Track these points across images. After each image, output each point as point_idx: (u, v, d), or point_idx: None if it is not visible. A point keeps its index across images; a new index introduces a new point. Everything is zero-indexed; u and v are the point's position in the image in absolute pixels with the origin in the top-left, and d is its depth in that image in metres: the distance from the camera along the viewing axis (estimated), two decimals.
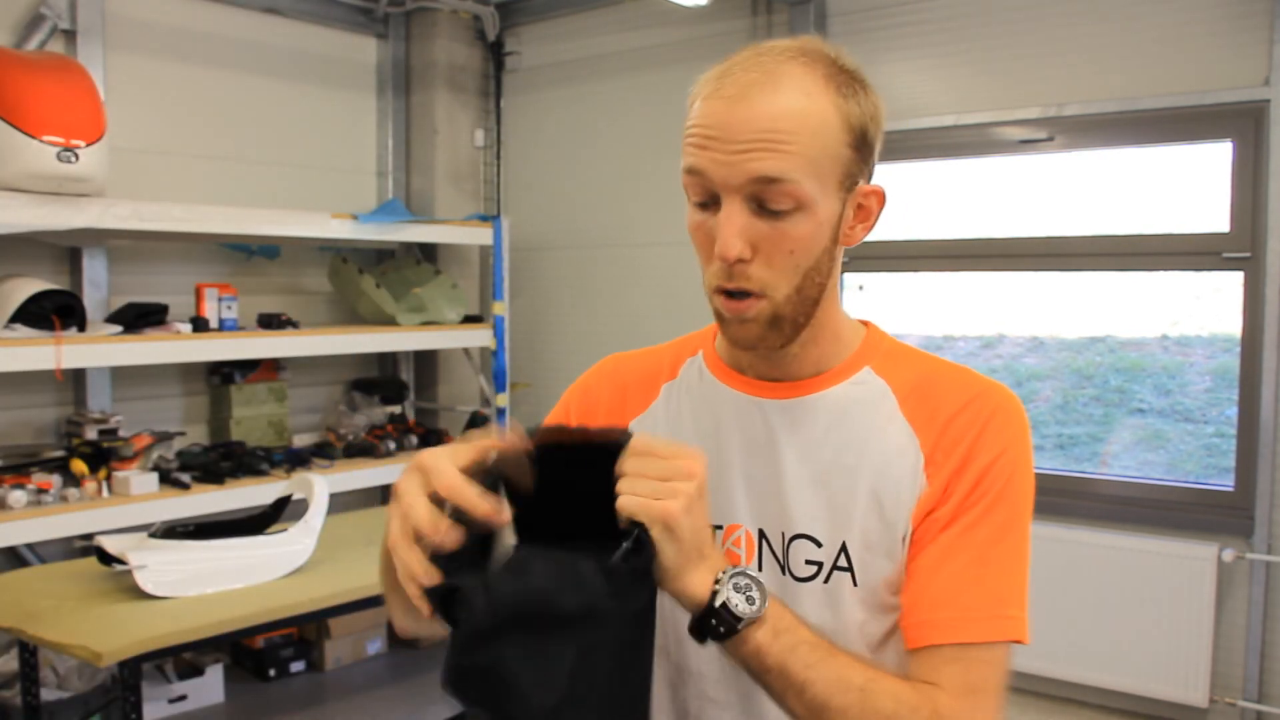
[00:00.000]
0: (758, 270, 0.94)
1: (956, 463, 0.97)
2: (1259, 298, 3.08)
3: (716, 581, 0.87)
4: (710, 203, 0.95)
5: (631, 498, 0.84)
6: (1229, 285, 3.24)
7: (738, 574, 0.88)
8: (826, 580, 0.99)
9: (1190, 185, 3.32)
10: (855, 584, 0.99)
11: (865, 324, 1.09)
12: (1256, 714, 3.09)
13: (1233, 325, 3.20)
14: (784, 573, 1.01)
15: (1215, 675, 3.12)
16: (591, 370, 1.19)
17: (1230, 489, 3.20)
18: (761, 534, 1.02)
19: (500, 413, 4.40)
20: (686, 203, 1.01)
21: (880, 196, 1.01)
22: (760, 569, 1.01)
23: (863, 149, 0.96)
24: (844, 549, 0.99)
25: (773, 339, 0.98)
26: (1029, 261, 3.57)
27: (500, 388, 4.39)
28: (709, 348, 1.12)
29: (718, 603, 0.87)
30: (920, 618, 0.96)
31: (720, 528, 1.03)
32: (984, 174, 3.75)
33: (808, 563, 1.00)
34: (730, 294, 0.95)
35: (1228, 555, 3.08)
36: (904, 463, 0.99)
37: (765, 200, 0.92)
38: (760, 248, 0.94)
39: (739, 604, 0.87)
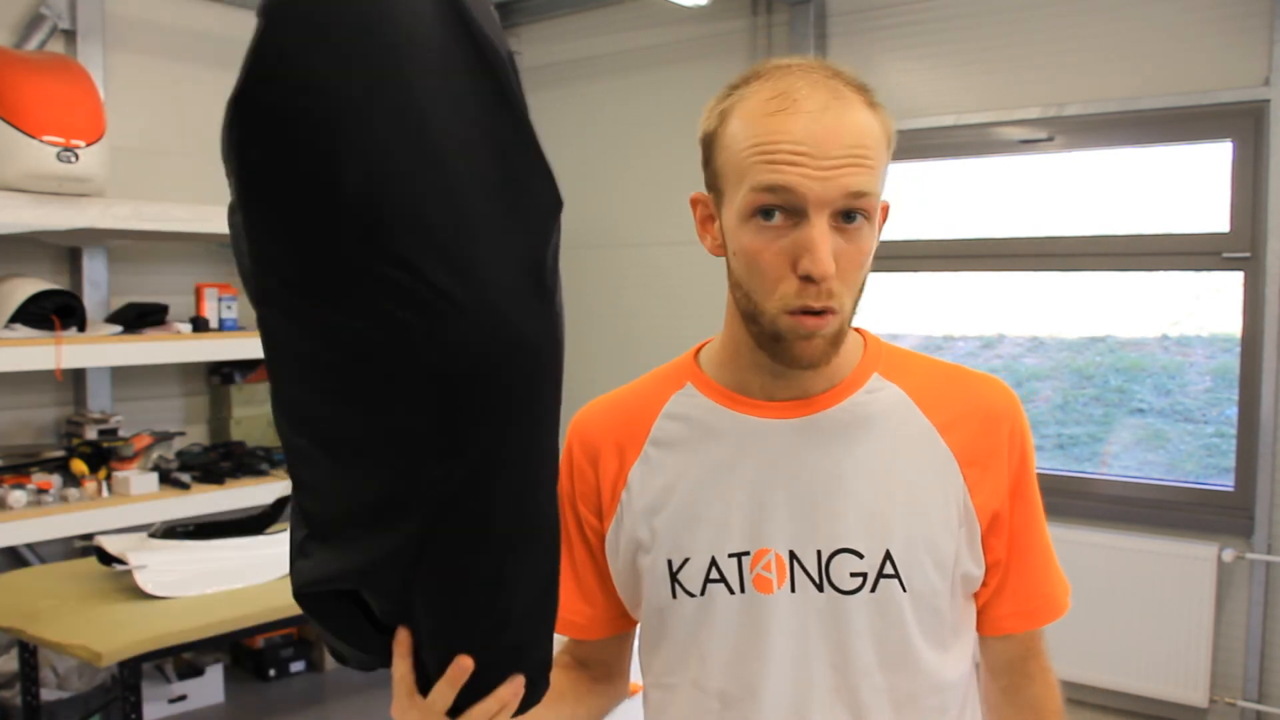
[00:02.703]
0: (836, 286, 0.93)
1: (996, 460, 1.02)
2: (1259, 298, 3.08)
3: None
4: (781, 219, 0.92)
5: None
6: (1229, 285, 3.23)
7: None
8: (874, 589, 0.99)
9: (1190, 185, 3.32)
10: (904, 589, 0.99)
11: (859, 331, 1.09)
12: (1256, 714, 3.09)
13: (1233, 325, 3.20)
14: (822, 590, 1.00)
15: (1215, 675, 3.12)
16: (568, 442, 1.12)
17: (1230, 489, 3.19)
18: (793, 555, 1.00)
19: None
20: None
21: (886, 211, 1.02)
22: (793, 590, 1.00)
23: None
24: (889, 556, 0.99)
25: (831, 354, 0.98)
26: (1029, 261, 3.57)
27: None
28: (699, 378, 1.08)
29: None
30: (1006, 609, 1.07)
31: (748, 554, 1.01)
32: (984, 174, 3.75)
33: (852, 575, 0.99)
34: (810, 312, 0.93)
35: (1228, 555, 3.08)
36: (936, 465, 1.01)
37: (852, 213, 0.92)
38: (839, 263, 0.93)
39: None
